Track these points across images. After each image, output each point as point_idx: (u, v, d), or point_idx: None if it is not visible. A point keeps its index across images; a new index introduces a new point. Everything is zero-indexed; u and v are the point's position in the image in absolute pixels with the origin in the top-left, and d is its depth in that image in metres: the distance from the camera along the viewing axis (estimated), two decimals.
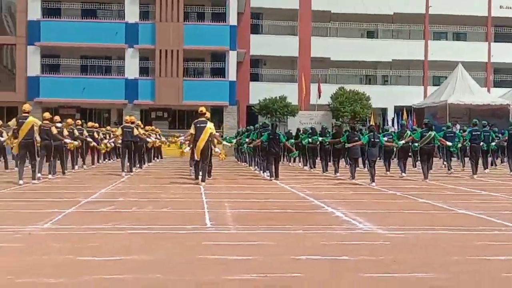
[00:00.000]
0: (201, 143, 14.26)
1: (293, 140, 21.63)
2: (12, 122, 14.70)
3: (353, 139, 16.40)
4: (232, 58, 38.80)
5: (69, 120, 20.00)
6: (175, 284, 4.91)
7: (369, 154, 15.44)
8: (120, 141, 18.65)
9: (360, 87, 41.68)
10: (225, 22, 38.77)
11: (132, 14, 38.30)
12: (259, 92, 40.14)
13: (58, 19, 38.22)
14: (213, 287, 4.84)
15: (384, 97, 42.15)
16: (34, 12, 37.62)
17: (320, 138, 19.70)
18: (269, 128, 17.57)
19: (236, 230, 7.65)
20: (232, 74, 38.95)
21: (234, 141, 24.53)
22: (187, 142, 15.87)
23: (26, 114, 14.42)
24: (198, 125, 14.47)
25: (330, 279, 5.15)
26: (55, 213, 8.80)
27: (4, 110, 37.31)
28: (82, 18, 38.56)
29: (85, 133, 20.94)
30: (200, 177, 14.45)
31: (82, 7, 39.03)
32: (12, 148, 15.95)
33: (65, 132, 17.45)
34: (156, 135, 25.48)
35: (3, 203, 10.36)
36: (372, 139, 15.35)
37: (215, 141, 15.51)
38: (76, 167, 20.19)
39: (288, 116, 38.81)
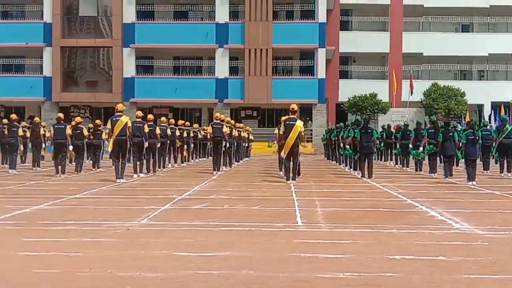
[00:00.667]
0: (290, 141, 14.24)
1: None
2: (108, 124, 15.27)
3: (448, 135, 15.71)
4: (321, 55, 38.64)
5: (163, 119, 20.53)
6: (269, 280, 4.94)
7: (467, 152, 14.61)
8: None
9: (454, 82, 40.35)
10: (314, 19, 38.63)
11: (222, 14, 38.92)
12: (349, 90, 39.73)
13: (151, 21, 39.53)
14: (307, 285, 4.83)
15: (480, 92, 40.54)
16: (129, 15, 39.00)
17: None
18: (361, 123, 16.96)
19: (327, 228, 7.60)
20: (321, 72, 38.78)
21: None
22: (276, 140, 15.98)
23: (120, 113, 15.07)
24: (287, 122, 14.45)
25: (426, 279, 5.01)
26: (151, 210, 9.09)
27: (102, 110, 38.94)
28: (174, 20, 39.60)
29: (177, 132, 21.30)
30: (290, 175, 14.46)
31: (175, 9, 40.09)
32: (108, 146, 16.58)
33: (157, 131, 17.94)
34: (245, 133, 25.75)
35: (103, 200, 10.83)
36: (471, 137, 14.62)
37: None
38: (169, 165, 20.75)
39: (379, 114, 38.17)
